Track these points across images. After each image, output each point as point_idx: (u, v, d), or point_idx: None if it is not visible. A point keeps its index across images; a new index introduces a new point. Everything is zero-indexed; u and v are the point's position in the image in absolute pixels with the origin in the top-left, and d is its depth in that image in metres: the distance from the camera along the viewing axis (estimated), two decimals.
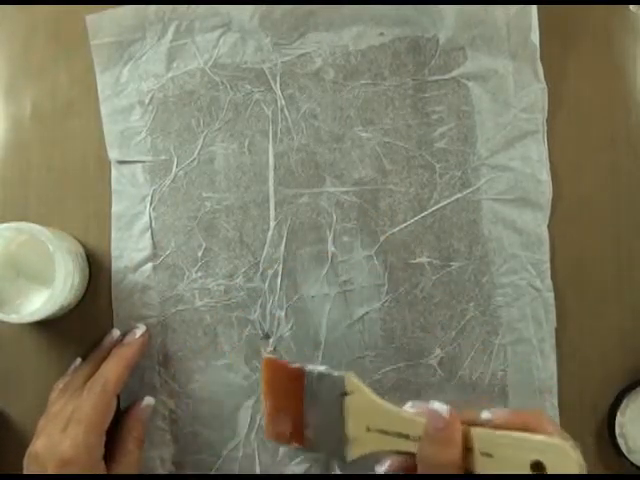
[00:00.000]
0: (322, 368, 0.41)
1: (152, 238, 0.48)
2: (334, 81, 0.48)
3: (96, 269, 0.48)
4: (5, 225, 0.42)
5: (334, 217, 0.47)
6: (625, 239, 0.47)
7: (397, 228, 0.47)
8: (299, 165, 0.48)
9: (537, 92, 0.46)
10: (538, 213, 0.46)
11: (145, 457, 0.47)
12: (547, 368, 0.46)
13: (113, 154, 0.48)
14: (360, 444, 0.39)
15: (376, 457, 0.39)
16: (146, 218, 0.48)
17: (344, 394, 0.39)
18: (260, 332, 0.47)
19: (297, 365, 0.41)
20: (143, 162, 0.48)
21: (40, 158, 0.49)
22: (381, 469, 0.38)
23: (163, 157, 0.48)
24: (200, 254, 0.47)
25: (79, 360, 0.47)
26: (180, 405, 0.47)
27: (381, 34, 0.47)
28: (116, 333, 0.47)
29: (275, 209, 0.47)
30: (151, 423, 0.47)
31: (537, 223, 0.46)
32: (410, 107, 0.47)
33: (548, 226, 0.46)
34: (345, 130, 0.47)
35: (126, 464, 0.44)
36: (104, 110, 0.48)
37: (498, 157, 0.47)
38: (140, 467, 0.45)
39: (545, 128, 0.46)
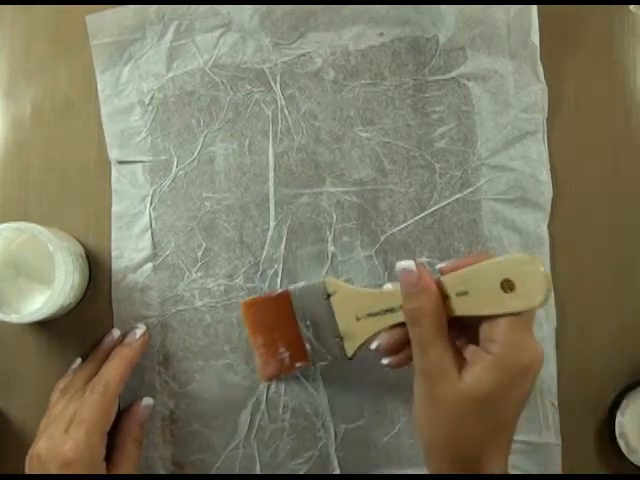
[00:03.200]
0: (302, 283, 0.44)
1: (152, 238, 0.48)
2: (334, 81, 0.48)
3: (96, 269, 0.48)
4: (5, 225, 0.42)
5: (334, 217, 0.47)
6: (625, 239, 0.47)
7: (397, 228, 0.47)
8: (299, 165, 0.48)
9: (537, 92, 0.46)
10: (538, 213, 0.46)
11: (145, 457, 0.47)
12: (547, 368, 0.46)
13: (113, 154, 0.48)
14: (354, 335, 0.42)
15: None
16: (146, 218, 0.48)
17: (328, 296, 0.42)
18: None
19: (279, 290, 0.45)
20: (143, 162, 0.48)
21: (40, 158, 0.49)
22: (374, 345, 0.41)
23: (163, 157, 0.48)
24: (200, 254, 0.47)
25: (79, 360, 0.47)
26: (180, 405, 0.47)
27: (381, 34, 0.47)
28: (116, 333, 0.47)
29: (275, 209, 0.47)
30: (151, 423, 0.47)
31: (537, 223, 0.46)
32: (410, 107, 0.47)
33: (548, 226, 0.46)
34: (345, 130, 0.47)
35: (125, 465, 0.44)
36: (104, 110, 0.48)
37: (498, 157, 0.47)
38: (138, 467, 0.45)
39: (545, 128, 0.46)
